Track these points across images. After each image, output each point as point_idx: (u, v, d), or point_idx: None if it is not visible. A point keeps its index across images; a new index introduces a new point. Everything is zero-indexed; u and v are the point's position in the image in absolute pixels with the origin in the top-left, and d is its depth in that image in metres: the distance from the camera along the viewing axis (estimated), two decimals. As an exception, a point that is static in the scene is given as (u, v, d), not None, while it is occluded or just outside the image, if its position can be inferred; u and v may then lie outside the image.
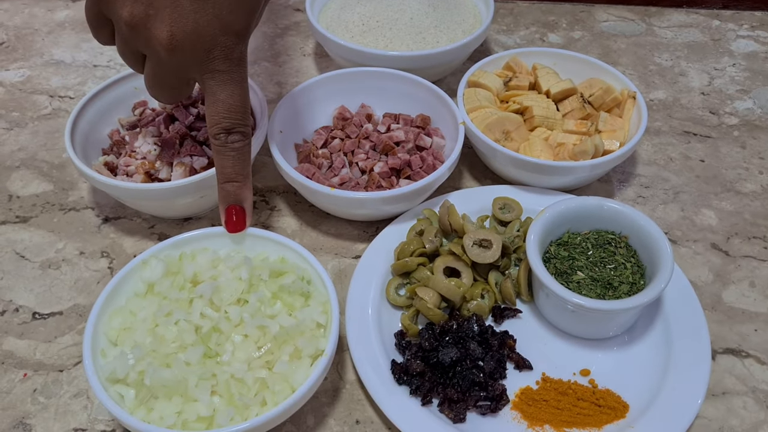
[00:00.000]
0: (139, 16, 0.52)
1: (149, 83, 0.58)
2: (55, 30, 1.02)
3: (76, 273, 0.69)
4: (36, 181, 0.79)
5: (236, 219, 0.60)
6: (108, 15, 0.54)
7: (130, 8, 0.52)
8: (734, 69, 0.96)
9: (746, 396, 0.60)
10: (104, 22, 0.56)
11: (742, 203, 0.77)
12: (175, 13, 0.52)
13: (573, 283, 0.61)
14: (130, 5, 0.52)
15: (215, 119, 0.56)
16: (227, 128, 0.56)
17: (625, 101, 0.78)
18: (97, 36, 0.58)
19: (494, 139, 0.73)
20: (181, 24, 0.52)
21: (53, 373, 0.62)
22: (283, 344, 0.55)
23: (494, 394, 0.57)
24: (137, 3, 0.52)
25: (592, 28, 1.04)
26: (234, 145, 0.57)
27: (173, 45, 0.52)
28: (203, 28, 0.52)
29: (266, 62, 0.96)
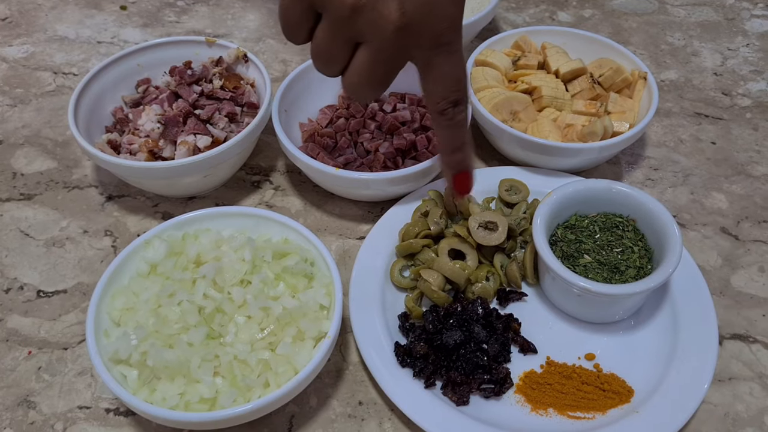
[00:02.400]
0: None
1: (359, 75, 0.52)
2: (59, 5, 1.01)
3: (80, 251, 0.69)
4: (40, 159, 0.79)
5: (466, 181, 0.59)
6: (321, 5, 0.49)
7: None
8: (748, 49, 0.94)
9: (753, 382, 0.59)
10: (310, 16, 0.51)
11: (753, 187, 0.76)
12: None
13: (579, 267, 0.61)
14: None
15: (443, 93, 0.54)
16: (455, 101, 0.54)
17: (635, 82, 0.76)
18: (295, 35, 0.53)
19: (502, 120, 0.72)
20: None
21: (57, 351, 0.62)
22: (286, 326, 0.55)
23: (498, 378, 0.57)
24: None
25: (603, 6, 1.02)
26: (460, 116, 0.55)
27: (403, 22, 0.48)
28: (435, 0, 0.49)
29: (271, 39, 0.95)
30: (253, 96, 0.75)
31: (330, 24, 0.50)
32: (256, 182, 0.76)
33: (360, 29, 0.49)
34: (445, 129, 0.56)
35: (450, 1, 0.50)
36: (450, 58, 0.52)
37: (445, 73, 0.53)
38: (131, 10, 1.00)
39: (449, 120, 0.55)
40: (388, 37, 0.49)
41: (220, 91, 0.75)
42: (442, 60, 0.52)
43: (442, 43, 0.51)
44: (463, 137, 0.57)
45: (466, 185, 0.59)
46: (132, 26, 0.98)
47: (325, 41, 0.51)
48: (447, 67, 0.52)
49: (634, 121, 0.73)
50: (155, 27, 0.98)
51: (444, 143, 0.57)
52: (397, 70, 0.53)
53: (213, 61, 0.77)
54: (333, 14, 0.49)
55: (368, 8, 0.48)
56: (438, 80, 0.53)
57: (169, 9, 1.01)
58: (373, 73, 0.52)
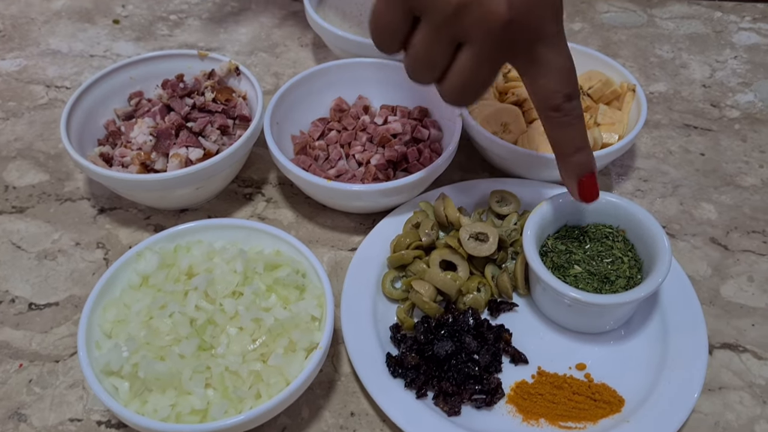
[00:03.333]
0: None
1: (461, 77, 0.51)
2: (52, 19, 1.02)
3: (72, 264, 0.69)
4: (32, 172, 0.79)
5: (592, 186, 0.57)
6: (422, 8, 0.48)
7: None
8: (736, 61, 0.95)
9: (743, 391, 0.60)
10: (408, 22, 0.50)
11: (742, 197, 0.76)
12: None
13: (570, 277, 0.61)
14: None
15: (555, 87, 0.51)
16: (569, 95, 0.52)
17: (624, 94, 0.77)
18: (389, 43, 0.52)
19: (492, 131, 0.72)
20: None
21: (49, 363, 0.61)
22: (278, 337, 0.55)
23: (489, 388, 0.57)
24: None
25: (592, 19, 1.03)
26: (577, 111, 0.53)
27: (511, 15, 0.46)
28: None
29: (263, 53, 0.96)
30: (245, 109, 0.75)
31: (432, 26, 0.49)
32: (248, 194, 0.76)
33: (465, 28, 0.48)
34: (563, 127, 0.53)
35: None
36: (556, 49, 0.50)
37: (555, 66, 0.51)
38: (124, 24, 1.01)
39: (566, 116, 0.52)
40: (496, 33, 0.47)
41: (213, 104, 0.75)
42: (548, 52, 0.50)
43: (547, 34, 0.49)
44: (583, 134, 0.54)
45: (594, 189, 0.57)
46: (125, 40, 0.98)
47: (426, 45, 0.50)
48: (555, 58, 0.50)
49: (624, 132, 0.74)
50: (148, 41, 0.98)
51: (563, 144, 0.54)
52: (499, 69, 0.51)
53: (205, 74, 0.78)
54: (436, 15, 0.48)
55: (474, 5, 0.46)
56: (548, 74, 0.51)
57: (161, 23, 1.01)
58: (477, 73, 0.50)
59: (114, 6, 1.04)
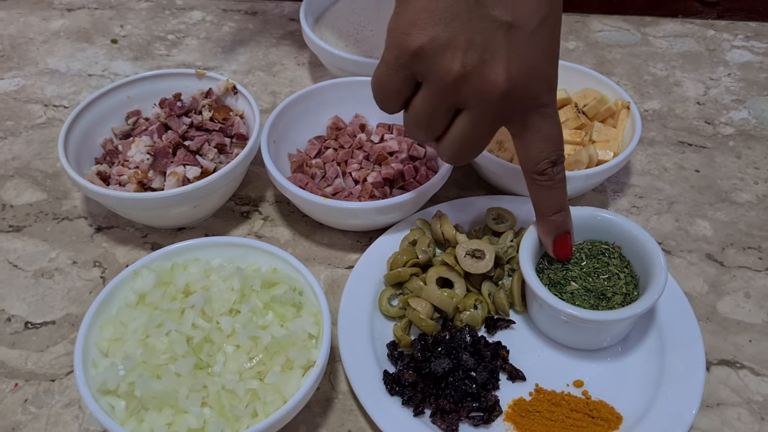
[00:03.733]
0: (473, 64, 0.48)
1: (459, 140, 0.53)
2: (50, 39, 1.02)
3: (69, 282, 0.69)
4: (30, 190, 0.79)
5: (566, 245, 0.60)
6: (423, 75, 0.50)
7: (462, 59, 0.48)
8: (729, 79, 0.96)
9: (741, 407, 0.60)
10: (410, 86, 0.52)
11: (737, 213, 0.77)
12: (511, 52, 0.48)
13: (566, 294, 0.61)
14: (462, 56, 0.48)
15: (543, 154, 0.54)
16: (554, 161, 0.55)
17: (619, 111, 0.78)
18: (392, 103, 0.54)
19: (488, 149, 0.73)
20: (518, 63, 0.49)
21: (45, 382, 0.61)
22: (275, 355, 0.55)
23: (487, 405, 0.57)
24: (470, 51, 0.48)
25: (587, 38, 1.04)
26: (560, 176, 0.56)
27: (509, 87, 0.49)
28: (536, 62, 0.50)
29: (260, 72, 0.96)
30: (242, 127, 0.76)
31: (432, 92, 0.51)
32: (245, 213, 0.77)
33: (464, 96, 0.50)
34: (546, 190, 0.56)
35: (548, 62, 0.51)
36: (548, 118, 0.53)
37: (545, 134, 0.53)
38: (122, 44, 1.02)
39: (549, 180, 0.55)
40: (494, 102, 0.50)
41: (210, 123, 0.75)
42: (540, 120, 0.52)
43: (540, 104, 0.52)
44: (563, 197, 0.57)
45: (568, 248, 0.60)
46: (123, 59, 0.99)
47: (425, 109, 0.52)
48: (547, 128, 0.53)
49: (619, 149, 0.75)
50: (145, 60, 0.99)
51: (544, 205, 0.57)
52: (495, 133, 0.54)
53: (203, 93, 0.78)
54: (437, 82, 0.50)
55: (474, 75, 0.49)
56: (536, 141, 0.53)
57: (159, 42, 1.02)
58: (473, 137, 0.53)
59: (112, 26, 1.05)
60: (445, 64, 0.49)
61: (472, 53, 0.48)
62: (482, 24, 0.48)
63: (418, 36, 0.48)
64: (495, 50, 0.48)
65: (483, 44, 0.48)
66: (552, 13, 0.50)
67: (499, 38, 0.48)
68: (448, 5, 0.48)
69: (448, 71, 0.49)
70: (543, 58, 0.51)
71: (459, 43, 0.48)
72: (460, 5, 0.48)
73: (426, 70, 0.50)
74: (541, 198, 0.57)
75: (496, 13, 0.48)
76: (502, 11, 0.48)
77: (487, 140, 0.55)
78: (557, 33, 0.52)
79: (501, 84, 0.49)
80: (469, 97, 0.50)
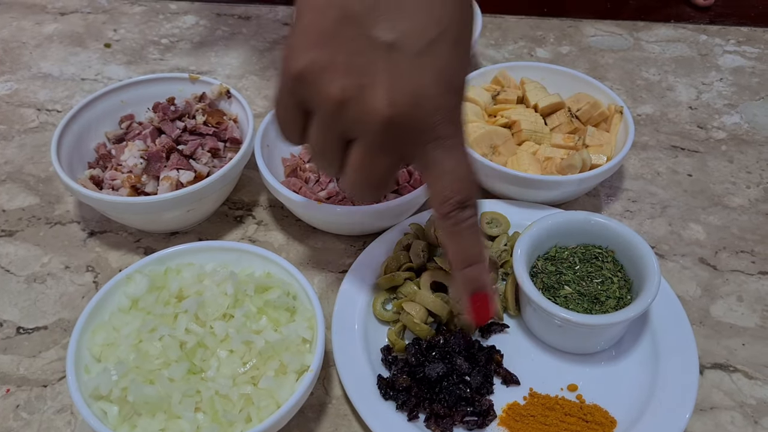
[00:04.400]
0: (352, 88, 0.44)
1: (355, 174, 0.48)
2: (44, 43, 1.02)
3: (62, 287, 0.69)
4: (22, 195, 0.78)
5: (483, 306, 0.51)
6: (309, 102, 0.46)
7: (340, 83, 0.44)
8: (721, 84, 0.96)
9: (734, 411, 0.60)
10: (301, 114, 0.48)
11: (730, 217, 0.77)
12: (393, 76, 0.43)
13: (560, 298, 0.61)
14: (340, 80, 0.44)
15: (445, 194, 0.47)
16: (460, 202, 0.47)
17: (612, 116, 0.78)
18: (290, 133, 0.50)
19: (482, 153, 0.73)
20: (401, 87, 0.44)
21: (37, 388, 0.61)
22: (269, 360, 0.55)
23: (481, 410, 0.57)
24: (349, 74, 0.44)
25: (579, 42, 1.04)
26: (469, 222, 0.48)
27: (393, 114, 0.44)
28: (425, 88, 0.44)
29: (254, 76, 0.96)
30: (236, 131, 0.76)
31: (319, 121, 0.47)
32: (239, 217, 0.76)
33: (348, 124, 0.45)
34: (453, 236, 0.49)
35: (444, 92, 0.45)
36: (452, 153, 0.47)
37: (446, 171, 0.47)
38: (115, 48, 1.01)
39: (456, 224, 0.48)
40: (378, 130, 0.45)
41: (203, 127, 0.75)
42: (440, 155, 0.46)
43: (438, 136, 0.46)
44: (476, 247, 0.50)
45: (486, 311, 0.51)
46: (116, 63, 0.99)
47: (318, 140, 0.48)
48: (449, 164, 0.47)
49: (612, 154, 0.75)
50: (139, 64, 0.99)
51: (454, 255, 0.50)
52: (395, 167, 0.49)
53: (196, 97, 0.78)
54: (321, 111, 0.46)
55: (353, 100, 0.44)
56: (438, 178, 0.47)
57: (153, 47, 1.02)
58: (368, 171, 0.48)
59: (105, 30, 1.05)
60: (325, 89, 0.44)
61: (351, 77, 0.44)
62: (361, 44, 0.43)
63: (296, 60, 0.45)
64: (375, 73, 0.43)
65: (362, 67, 0.43)
66: (446, 34, 0.44)
67: (379, 60, 0.43)
68: (325, 25, 0.44)
69: (328, 97, 0.44)
70: (434, 84, 0.44)
71: (338, 66, 0.44)
72: (339, 25, 0.43)
73: (310, 97, 0.46)
74: (450, 247, 0.50)
75: (376, 32, 0.43)
76: (383, 30, 0.43)
77: (389, 173, 0.49)
78: (460, 57, 0.46)
79: (382, 110, 0.43)
80: (354, 125, 0.45)
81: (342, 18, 0.43)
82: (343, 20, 0.43)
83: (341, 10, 0.43)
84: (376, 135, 0.45)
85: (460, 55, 0.46)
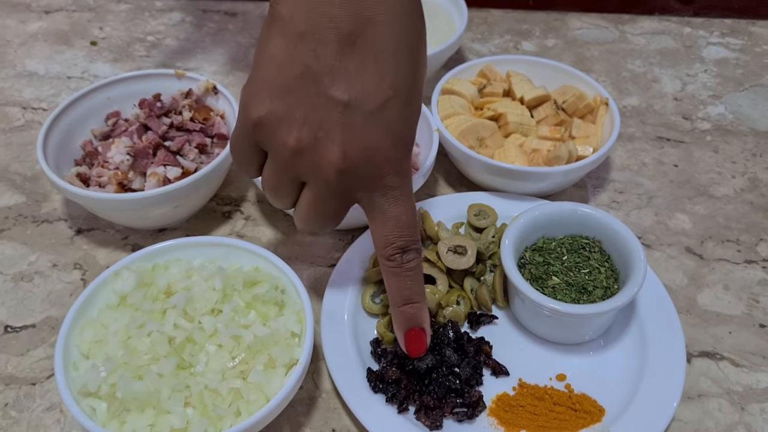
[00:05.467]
0: (307, 140, 0.48)
1: (306, 212, 0.53)
2: (28, 41, 1.01)
3: (49, 285, 0.69)
4: (8, 193, 0.78)
5: (419, 341, 0.56)
6: (265, 145, 0.50)
7: (296, 134, 0.48)
8: (706, 75, 0.97)
9: (721, 398, 0.60)
10: (258, 153, 0.52)
11: (716, 207, 0.77)
12: (347, 131, 0.47)
13: (548, 289, 0.61)
14: (297, 131, 0.48)
15: (388, 239, 0.52)
16: (402, 247, 0.52)
17: (598, 108, 0.78)
18: (246, 169, 0.54)
19: (469, 146, 0.73)
20: (354, 142, 0.48)
21: (25, 386, 0.61)
22: (258, 354, 0.55)
23: (471, 401, 0.57)
24: (305, 127, 0.47)
25: (565, 35, 1.04)
26: (410, 264, 0.53)
27: (345, 165, 0.48)
28: (376, 143, 0.48)
29: (241, 72, 0.96)
30: (223, 127, 0.75)
31: (274, 162, 0.51)
32: (227, 213, 0.76)
33: (302, 170, 0.50)
34: (394, 277, 0.53)
35: (393, 147, 0.49)
36: (397, 202, 0.51)
37: (391, 218, 0.51)
38: (101, 46, 1.01)
39: (398, 267, 0.53)
40: (331, 179, 0.49)
41: (190, 123, 0.75)
42: (386, 204, 0.51)
43: (385, 186, 0.50)
44: (414, 288, 0.54)
45: (419, 345, 0.56)
46: (102, 61, 0.98)
47: (271, 178, 0.52)
48: (393, 211, 0.51)
49: (598, 145, 0.75)
50: (125, 61, 0.98)
51: (393, 293, 0.54)
52: (345, 208, 0.53)
53: (183, 93, 0.78)
54: (275, 154, 0.50)
55: (308, 151, 0.48)
56: (382, 224, 0.52)
57: (139, 44, 1.01)
58: (319, 211, 0.52)
59: (91, 28, 1.04)
60: (281, 138, 0.48)
61: (307, 129, 0.48)
62: (318, 101, 0.47)
63: (257, 108, 0.48)
64: (330, 128, 0.47)
65: (318, 121, 0.47)
66: (397, 97, 0.48)
67: (335, 117, 0.47)
68: (286, 80, 0.47)
69: (284, 145, 0.48)
70: (385, 140, 0.49)
71: (295, 118, 0.48)
72: (297, 81, 0.47)
73: (266, 141, 0.50)
74: (391, 286, 0.54)
75: (332, 91, 0.47)
76: (338, 90, 0.47)
77: (338, 213, 0.53)
78: (408, 116, 0.50)
79: (336, 162, 0.48)
80: (307, 172, 0.50)
81: (302, 75, 0.47)
82: (304, 77, 0.47)
83: (303, 68, 0.47)
84: (328, 183, 0.49)
85: (409, 114, 0.50)
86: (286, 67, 0.47)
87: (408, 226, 0.52)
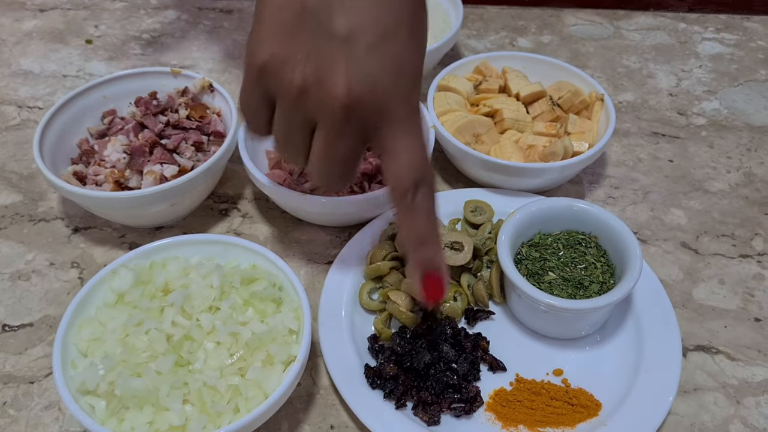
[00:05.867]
0: (312, 76, 0.47)
1: (320, 160, 0.51)
2: (23, 40, 1.01)
3: (46, 284, 0.69)
4: (5, 192, 0.78)
5: (437, 286, 0.52)
6: (273, 92, 0.49)
7: (301, 73, 0.47)
8: (701, 70, 0.97)
9: (717, 392, 0.61)
10: (267, 105, 0.51)
11: (711, 202, 0.78)
12: (350, 62, 0.46)
13: (544, 284, 0.62)
14: (301, 67, 0.47)
15: (400, 173, 0.49)
16: (415, 180, 0.49)
17: (593, 103, 0.79)
18: (256, 125, 0.53)
19: (465, 142, 0.73)
20: (357, 73, 0.46)
21: (24, 385, 0.61)
22: (256, 351, 0.55)
23: (468, 396, 0.57)
24: (309, 65, 0.47)
25: (561, 31, 1.05)
26: (424, 200, 0.50)
27: (350, 100, 0.46)
28: (380, 75, 0.47)
29: (237, 69, 0.96)
30: (219, 125, 0.75)
31: (283, 108, 0.50)
32: (224, 210, 0.76)
33: (310, 109, 0.48)
34: (408, 215, 0.50)
35: (397, 78, 0.48)
36: (406, 135, 0.49)
37: (401, 152, 0.49)
38: (97, 44, 1.01)
39: (410, 204, 0.49)
40: (337, 114, 0.47)
41: (187, 121, 0.75)
42: (395, 137, 0.49)
43: (393, 119, 0.48)
44: (430, 227, 0.51)
45: (438, 290, 0.52)
46: (97, 60, 0.98)
47: (282, 127, 0.51)
48: (402, 143, 0.49)
49: (594, 141, 0.75)
50: (121, 60, 0.98)
51: (407, 234, 0.51)
52: (358, 152, 0.51)
53: (179, 91, 0.78)
54: (284, 98, 0.49)
55: (314, 88, 0.47)
56: (393, 159, 0.49)
57: (134, 42, 1.01)
58: (332, 155, 0.50)
59: (86, 26, 1.04)
60: (287, 78, 0.48)
61: (310, 65, 0.47)
62: (319, 37, 0.46)
63: (261, 53, 0.48)
64: (332, 61, 0.46)
65: (320, 56, 0.47)
66: (399, 27, 0.48)
67: (336, 50, 0.46)
68: (285, 21, 0.47)
69: (290, 84, 0.47)
70: (388, 73, 0.48)
71: (298, 58, 0.47)
72: (296, 20, 0.47)
73: (274, 86, 0.49)
74: (403, 226, 0.51)
75: (331, 25, 0.46)
76: (337, 24, 0.46)
77: (352, 158, 0.51)
78: (414, 47, 0.49)
79: (341, 95, 0.46)
80: (315, 110, 0.48)
81: (300, 13, 0.47)
82: (302, 15, 0.47)
83: (299, 6, 0.46)
84: (336, 119, 0.48)
85: (413, 44, 0.49)
86: (284, 8, 0.47)
87: (418, 159, 0.49)
